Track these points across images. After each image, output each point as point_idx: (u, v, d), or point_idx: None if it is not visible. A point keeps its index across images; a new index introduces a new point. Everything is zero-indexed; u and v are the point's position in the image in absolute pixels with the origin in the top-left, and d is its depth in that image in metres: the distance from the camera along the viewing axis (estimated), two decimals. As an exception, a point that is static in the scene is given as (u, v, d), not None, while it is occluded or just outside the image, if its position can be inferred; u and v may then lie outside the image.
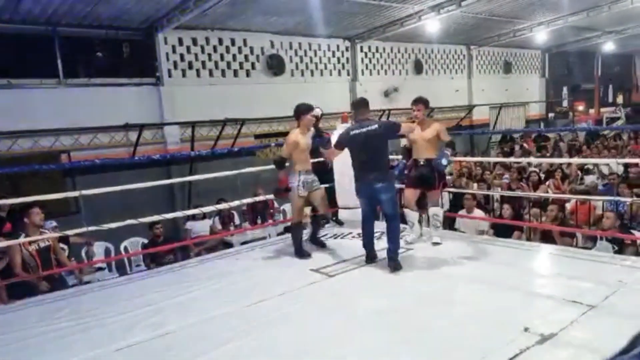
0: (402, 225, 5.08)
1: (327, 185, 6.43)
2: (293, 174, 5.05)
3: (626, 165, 8.42)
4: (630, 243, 5.21)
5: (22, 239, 4.89)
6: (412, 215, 5.52)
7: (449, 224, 7.28)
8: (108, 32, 8.70)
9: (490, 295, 3.87)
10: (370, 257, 4.86)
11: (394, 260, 4.62)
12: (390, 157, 6.16)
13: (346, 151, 4.89)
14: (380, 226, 5.06)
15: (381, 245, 4.94)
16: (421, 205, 5.71)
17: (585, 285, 3.85)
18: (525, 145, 14.29)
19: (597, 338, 2.89)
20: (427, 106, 5.33)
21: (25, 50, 8.03)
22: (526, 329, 3.11)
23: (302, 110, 5.07)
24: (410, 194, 5.47)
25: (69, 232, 5.17)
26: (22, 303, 4.51)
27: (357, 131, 4.70)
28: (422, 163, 5.29)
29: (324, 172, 6.47)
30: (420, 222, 5.71)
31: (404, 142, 5.92)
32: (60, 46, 8.23)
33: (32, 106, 7.84)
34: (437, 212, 5.41)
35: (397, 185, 5.43)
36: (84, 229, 5.17)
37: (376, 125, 4.69)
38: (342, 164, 6.28)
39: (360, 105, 4.88)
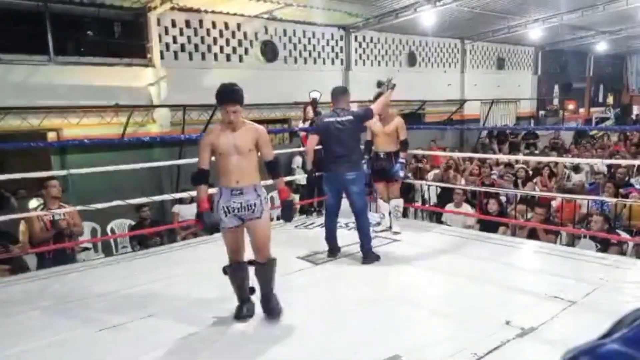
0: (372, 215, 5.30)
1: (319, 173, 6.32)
2: (216, 194, 3.45)
3: (611, 165, 8.55)
4: (616, 243, 5.27)
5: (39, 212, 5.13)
6: (384, 206, 5.70)
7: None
8: (100, 11, 8.57)
9: (472, 288, 3.92)
10: (333, 251, 4.81)
11: (367, 256, 4.65)
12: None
13: None
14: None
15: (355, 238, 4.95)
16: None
17: (567, 281, 3.91)
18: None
19: (577, 333, 2.94)
20: None
21: (16, 25, 7.90)
22: (507, 322, 3.16)
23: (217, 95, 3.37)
24: (381, 187, 5.68)
25: (56, 211, 5.14)
26: (7, 280, 4.50)
27: (331, 119, 4.67)
28: (382, 156, 5.48)
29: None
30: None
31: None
32: (51, 23, 8.08)
33: (21, 82, 7.72)
34: (398, 203, 5.64)
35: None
36: (71, 208, 5.16)
37: (350, 116, 4.64)
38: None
39: (338, 93, 4.80)
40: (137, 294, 3.93)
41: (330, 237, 4.82)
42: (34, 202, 6.24)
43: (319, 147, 5.01)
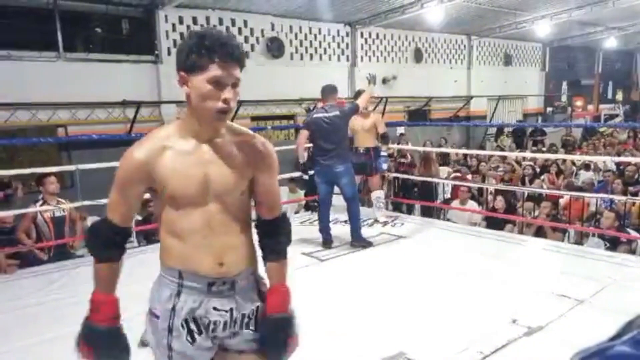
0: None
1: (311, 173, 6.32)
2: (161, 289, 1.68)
3: (619, 163, 8.51)
4: (625, 241, 5.24)
5: (39, 207, 5.05)
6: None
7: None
8: (108, 8, 8.61)
9: (478, 286, 3.91)
10: (328, 242, 5.01)
11: (357, 240, 4.96)
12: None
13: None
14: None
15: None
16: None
17: (575, 280, 3.89)
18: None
19: (584, 332, 2.93)
20: None
21: (26, 22, 7.95)
22: (514, 321, 3.15)
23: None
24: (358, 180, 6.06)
25: (64, 206, 5.18)
26: (16, 273, 4.55)
27: (320, 115, 4.93)
28: (361, 151, 5.85)
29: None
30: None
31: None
32: (60, 20, 8.14)
33: (30, 79, 7.78)
34: (379, 194, 6.02)
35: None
36: (78, 203, 5.20)
37: (338, 111, 4.90)
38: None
39: (327, 91, 5.10)
40: (143, 288, 3.93)
41: (324, 228, 5.03)
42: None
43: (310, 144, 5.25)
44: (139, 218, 6.94)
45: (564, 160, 9.34)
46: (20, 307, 3.70)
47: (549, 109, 18.67)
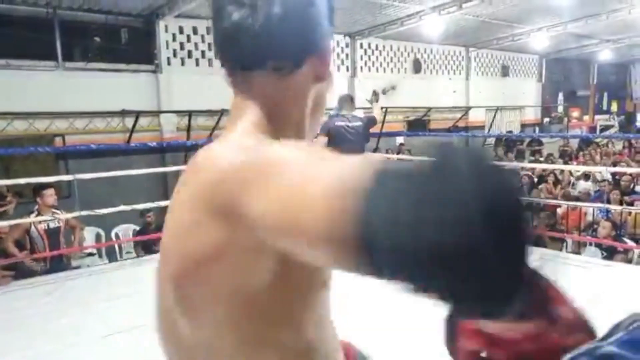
0: None
1: None
2: None
3: (615, 173, 8.54)
4: (622, 251, 5.26)
5: (33, 218, 5.04)
6: None
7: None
8: (108, 18, 8.65)
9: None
10: None
11: None
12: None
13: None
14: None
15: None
16: None
17: (572, 289, 3.89)
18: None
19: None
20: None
21: (25, 32, 7.97)
22: (513, 330, 3.15)
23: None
24: None
25: (61, 216, 5.17)
26: (11, 284, 4.52)
27: (342, 123, 4.96)
28: None
29: None
30: None
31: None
32: (59, 29, 8.17)
33: (29, 88, 7.79)
34: None
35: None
36: (76, 213, 5.19)
37: (360, 122, 5.01)
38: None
39: (345, 100, 5.15)
40: (142, 300, 3.94)
41: None
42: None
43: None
44: (137, 228, 6.94)
45: (562, 170, 9.38)
46: (15, 319, 3.67)
47: (546, 120, 18.76)
